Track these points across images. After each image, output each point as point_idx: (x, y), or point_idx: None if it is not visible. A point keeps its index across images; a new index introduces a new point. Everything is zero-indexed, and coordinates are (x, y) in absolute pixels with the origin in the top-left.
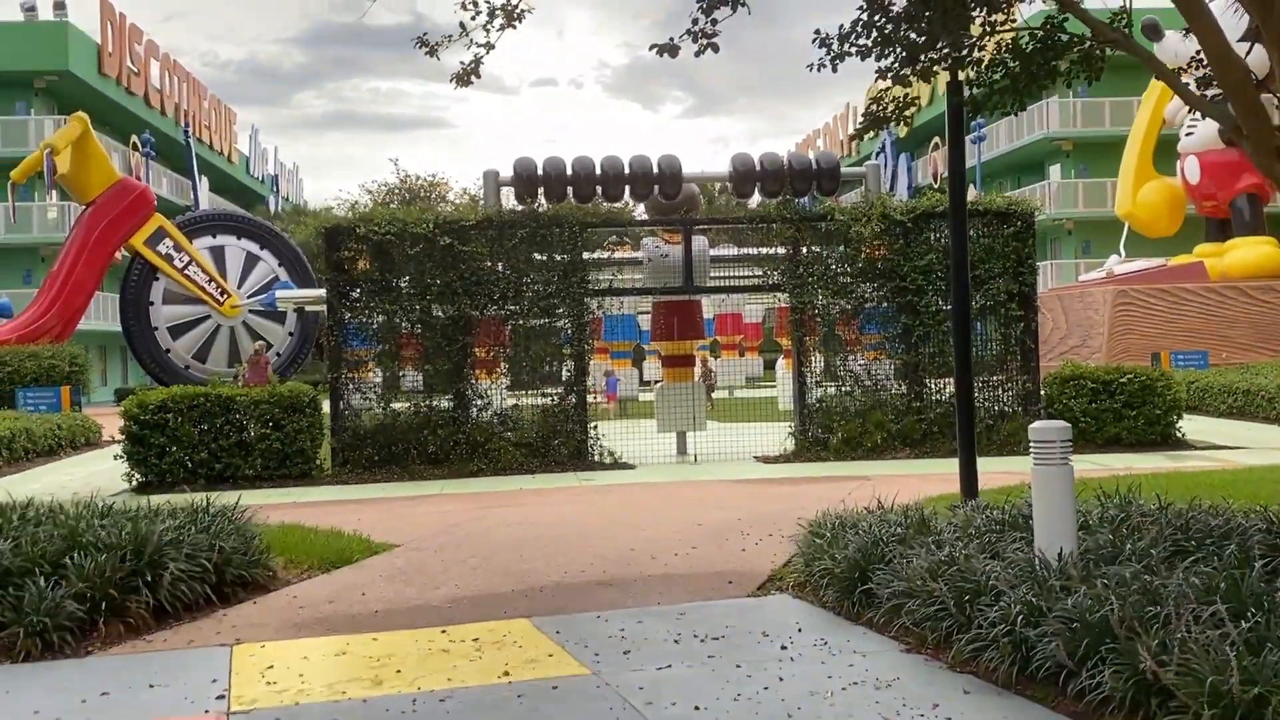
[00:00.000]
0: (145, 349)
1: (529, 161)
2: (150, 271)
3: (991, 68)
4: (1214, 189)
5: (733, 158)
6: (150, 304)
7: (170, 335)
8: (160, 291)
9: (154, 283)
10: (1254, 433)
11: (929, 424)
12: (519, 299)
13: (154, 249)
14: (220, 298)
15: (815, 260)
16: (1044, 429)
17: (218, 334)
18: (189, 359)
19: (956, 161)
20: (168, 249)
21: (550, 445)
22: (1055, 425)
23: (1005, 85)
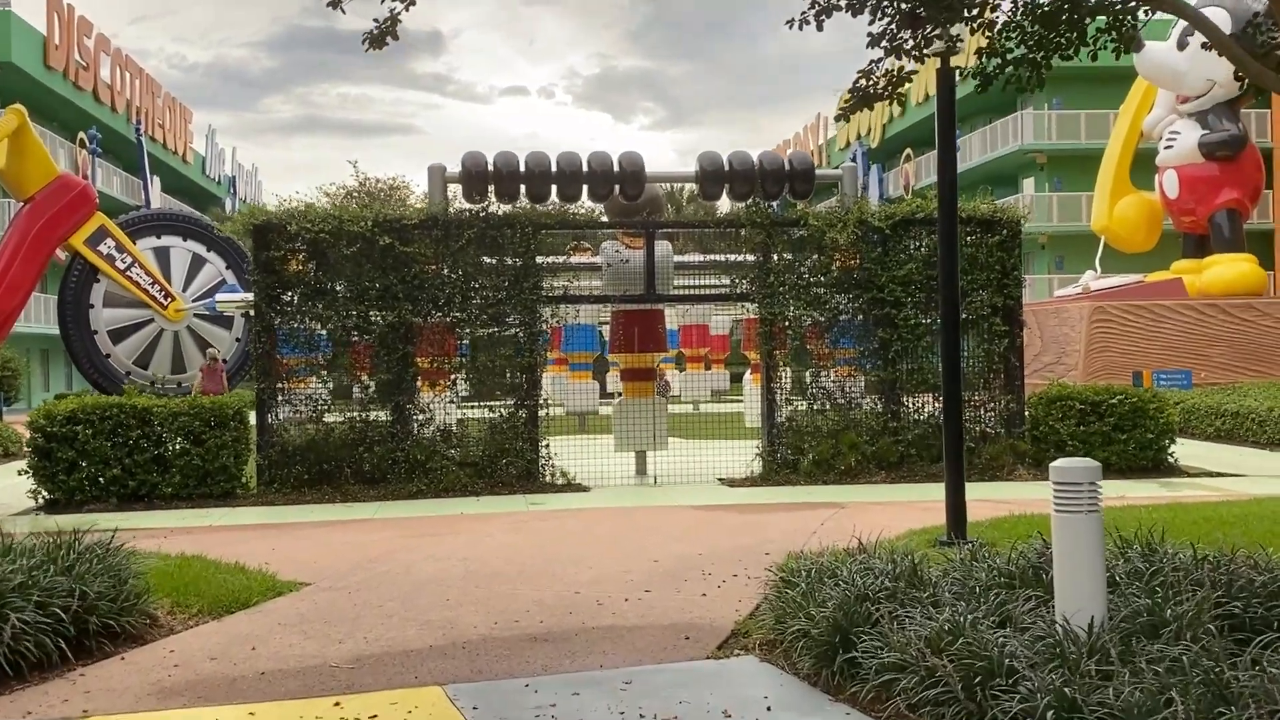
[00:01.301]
0: (84, 353)
1: (479, 157)
2: (91, 272)
3: (1006, 32)
4: (1193, 203)
5: (700, 156)
6: (90, 306)
7: (111, 340)
8: (101, 294)
9: (94, 284)
10: (1247, 458)
11: (906, 446)
12: (466, 305)
13: (95, 249)
14: (164, 301)
15: (787, 268)
16: (1069, 468)
17: (161, 339)
18: (130, 365)
19: (946, 153)
20: (109, 249)
21: (497, 465)
22: (1082, 464)
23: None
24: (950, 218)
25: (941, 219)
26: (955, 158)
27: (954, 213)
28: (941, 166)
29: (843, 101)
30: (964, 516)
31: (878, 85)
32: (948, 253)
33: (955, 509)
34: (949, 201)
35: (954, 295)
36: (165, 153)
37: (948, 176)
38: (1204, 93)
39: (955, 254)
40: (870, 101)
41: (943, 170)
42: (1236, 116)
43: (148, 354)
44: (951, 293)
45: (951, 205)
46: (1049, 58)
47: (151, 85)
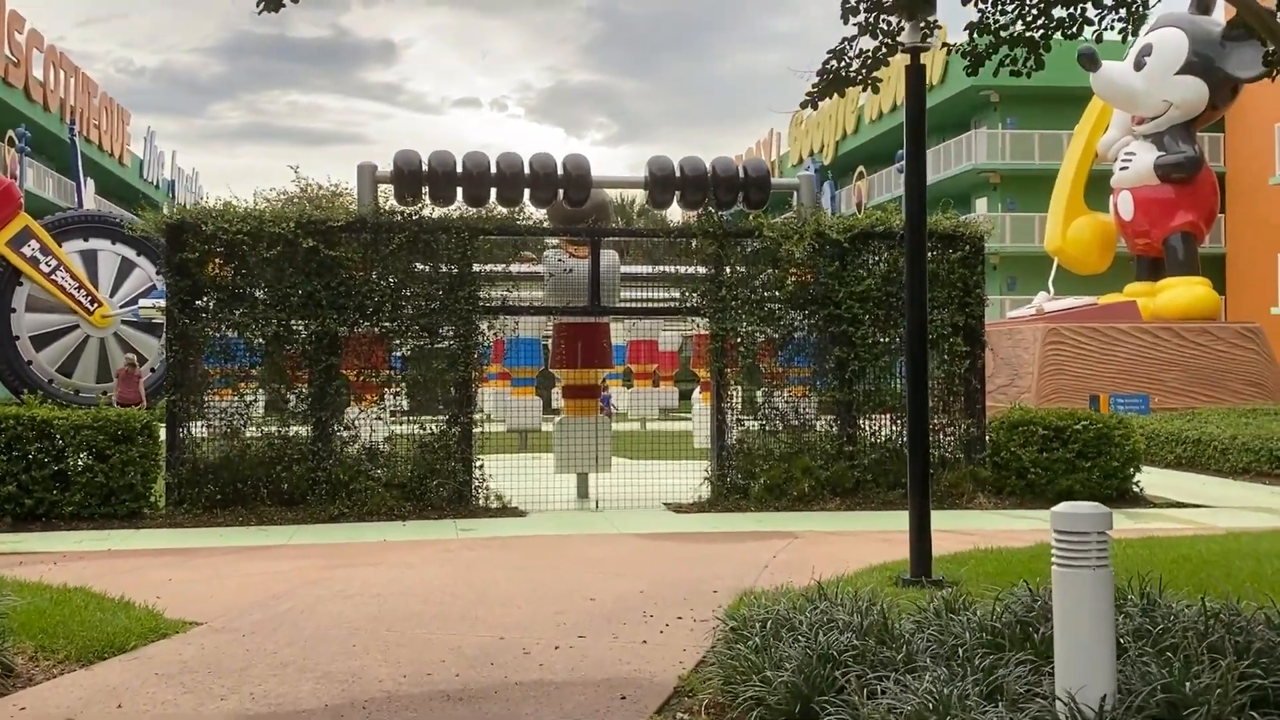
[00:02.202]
0: (4, 360)
1: (412, 156)
2: (13, 275)
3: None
4: (1148, 226)
5: (650, 161)
6: (12, 310)
7: (33, 346)
8: (24, 298)
9: (17, 288)
10: (1210, 488)
11: (862, 471)
12: (396, 315)
13: (18, 251)
14: (90, 306)
15: (740, 282)
16: (1074, 514)
17: (86, 346)
18: (53, 372)
19: (915, 160)
20: (34, 251)
21: (427, 486)
22: (1089, 510)
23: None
24: (919, 229)
25: (909, 231)
26: (924, 165)
27: (923, 223)
28: (909, 177)
29: (811, 86)
30: (929, 553)
31: (850, 67)
32: (915, 266)
33: (920, 544)
34: (917, 214)
35: (921, 313)
36: (101, 155)
37: (916, 190)
38: (1160, 114)
39: (923, 267)
40: (841, 85)
41: (910, 182)
42: (1193, 138)
43: (71, 361)
44: (919, 311)
45: (920, 215)
46: (1049, 36)
47: (88, 85)
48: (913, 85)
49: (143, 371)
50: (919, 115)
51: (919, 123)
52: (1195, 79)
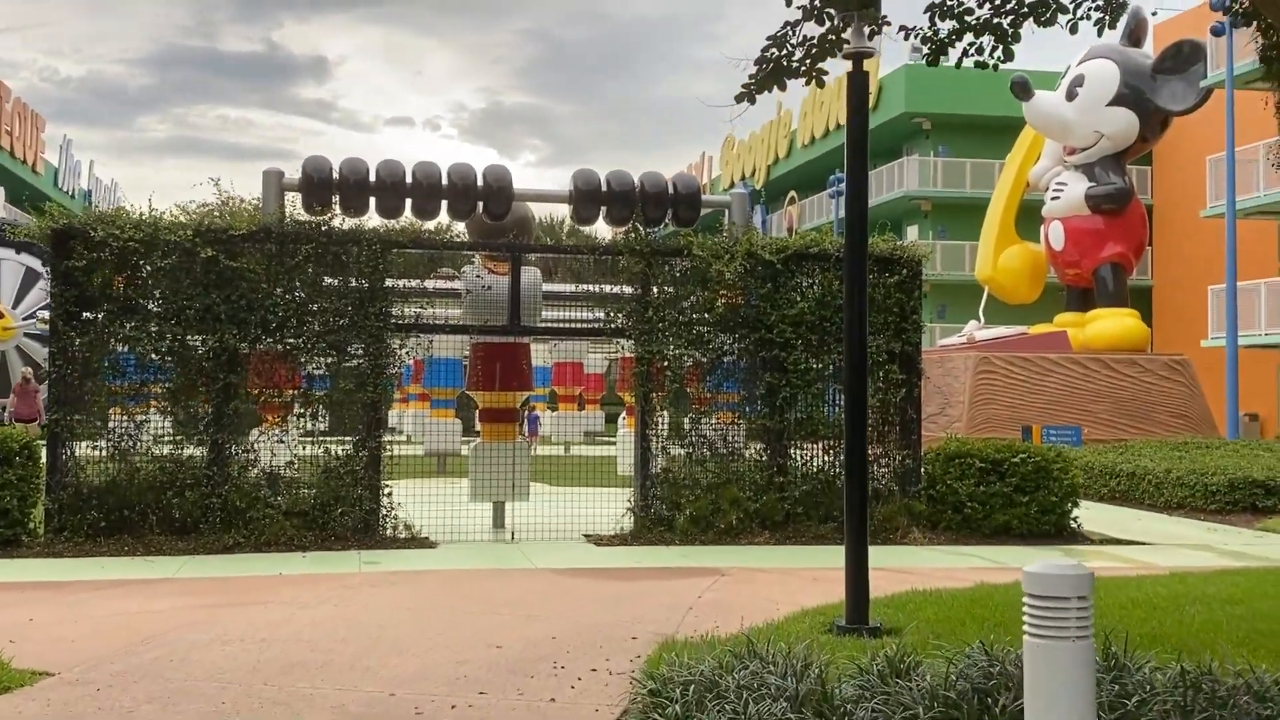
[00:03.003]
0: None
1: (323, 162)
2: None
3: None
4: (1078, 256)
5: (574, 174)
6: None
7: None
8: None
9: None
10: (1146, 523)
11: (793, 503)
12: (302, 331)
13: None
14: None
15: (668, 303)
16: (1049, 576)
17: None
18: None
19: (856, 174)
20: None
21: (331, 515)
22: (1067, 572)
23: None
24: (859, 247)
25: (848, 249)
26: (866, 179)
27: (864, 240)
28: (850, 192)
29: (750, 77)
30: (866, 598)
31: (793, 57)
32: (854, 287)
33: (857, 589)
34: (858, 229)
35: (861, 336)
36: (13, 161)
37: (857, 206)
38: (1091, 145)
39: (863, 286)
40: (782, 77)
41: (852, 196)
42: (1123, 170)
43: None
44: (858, 334)
45: (861, 231)
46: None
47: (0, 89)
48: (855, 94)
49: (39, 387)
50: (861, 127)
51: (861, 135)
52: (1126, 111)
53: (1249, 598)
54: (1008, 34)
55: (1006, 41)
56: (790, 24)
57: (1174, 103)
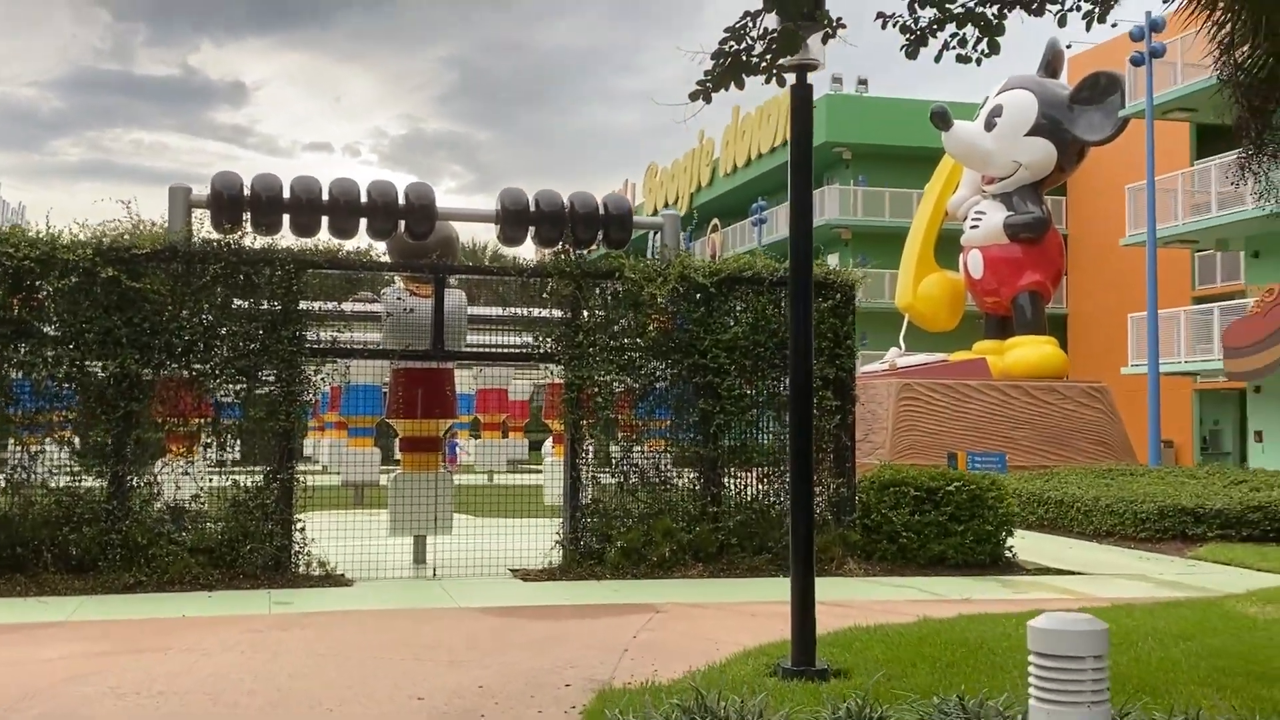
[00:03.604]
0: None
1: (232, 178)
2: None
3: None
4: (997, 284)
5: (502, 193)
6: None
7: None
8: None
9: None
10: (1078, 552)
11: (727, 534)
12: (210, 356)
13: None
14: None
15: (598, 327)
16: (1061, 634)
17: None
18: None
19: (800, 192)
20: None
21: (239, 551)
22: (1082, 628)
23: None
24: (804, 268)
25: (793, 269)
26: (810, 197)
27: (809, 261)
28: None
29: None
30: (813, 638)
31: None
32: (800, 308)
33: (803, 628)
34: (802, 251)
35: (807, 359)
36: None
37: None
38: (1010, 174)
39: (809, 308)
40: (741, 74)
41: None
42: (1040, 200)
43: None
44: (803, 358)
45: (806, 251)
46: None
47: None
48: (798, 108)
49: None
50: (805, 143)
51: (805, 152)
52: (1044, 141)
53: (1199, 633)
54: (993, 24)
55: (991, 33)
56: (750, 14)
57: (1091, 133)
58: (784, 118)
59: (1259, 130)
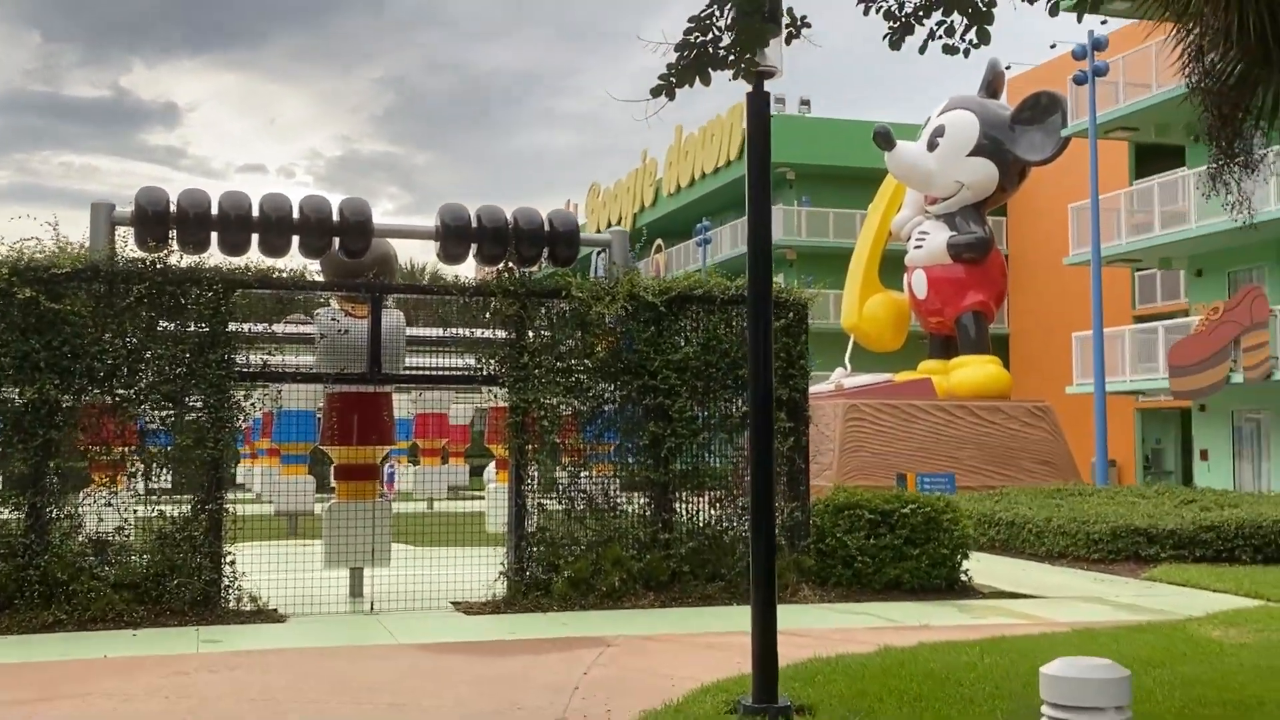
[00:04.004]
0: None
1: (157, 194)
2: None
3: None
4: (941, 304)
5: (441, 209)
6: None
7: None
8: None
9: None
10: (1032, 574)
11: (678, 562)
12: (134, 381)
13: None
14: None
15: (544, 348)
16: (1079, 681)
17: None
18: None
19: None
20: None
21: (166, 586)
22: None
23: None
24: (763, 282)
25: (751, 284)
26: (769, 209)
27: (768, 274)
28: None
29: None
30: (775, 673)
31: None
32: (758, 326)
33: (765, 662)
34: (761, 265)
35: (767, 378)
36: None
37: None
38: (952, 194)
39: (768, 323)
40: (706, 68)
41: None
42: (983, 219)
43: None
44: (764, 376)
45: (765, 265)
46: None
47: None
48: (755, 117)
49: None
50: (763, 155)
51: (763, 165)
52: (986, 161)
53: (1167, 659)
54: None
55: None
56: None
57: (1032, 153)
58: (727, 137)
59: (1229, 139)
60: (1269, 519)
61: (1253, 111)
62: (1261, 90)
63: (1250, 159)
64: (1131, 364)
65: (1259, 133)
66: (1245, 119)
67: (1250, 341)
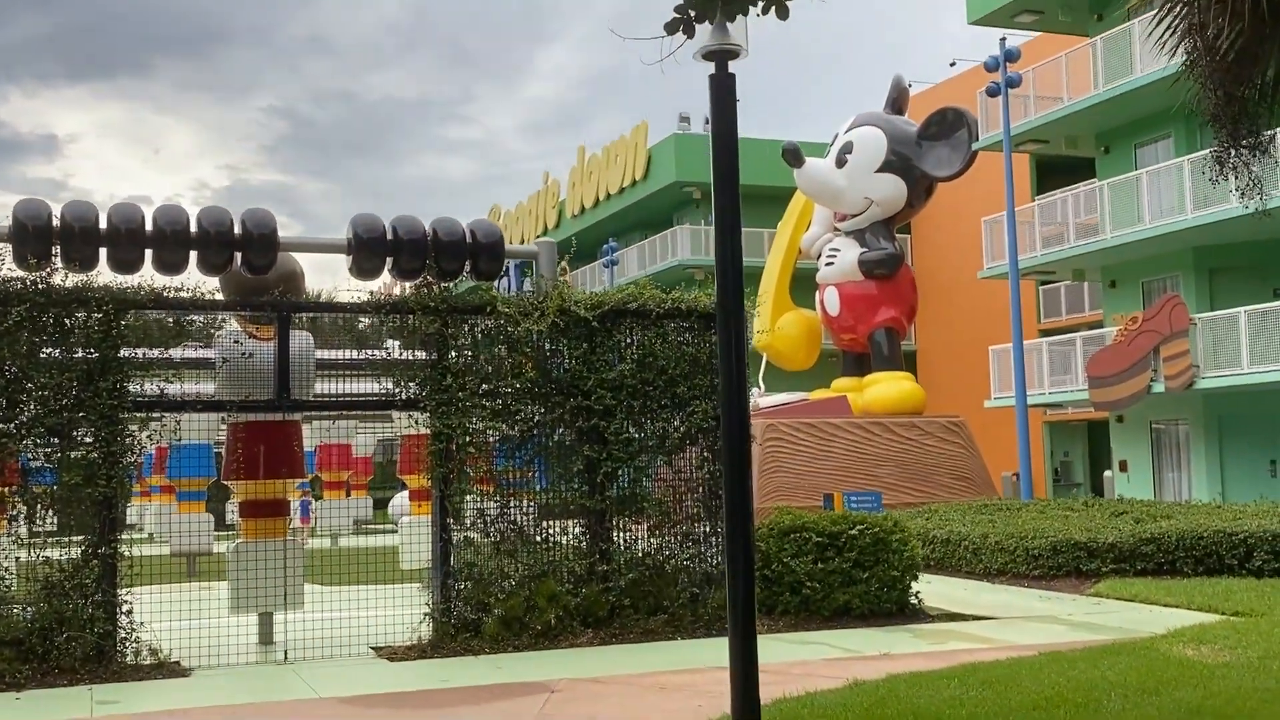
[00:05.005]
0: None
1: (38, 206)
2: None
3: None
4: (853, 321)
5: (353, 220)
6: None
7: None
8: None
9: None
10: (976, 594)
11: (618, 595)
12: (13, 414)
13: None
14: None
15: (468, 368)
16: None
17: None
18: None
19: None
20: None
21: (54, 642)
22: None
23: None
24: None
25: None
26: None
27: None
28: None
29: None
30: (758, 713)
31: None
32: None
33: (747, 708)
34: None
35: (741, 383)
36: None
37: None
38: (862, 211)
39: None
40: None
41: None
42: (892, 235)
43: None
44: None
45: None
46: None
47: None
48: (719, 101)
49: None
50: (729, 142)
51: (730, 154)
52: (894, 177)
53: (1159, 685)
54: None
55: None
56: None
57: (939, 168)
58: (632, 157)
59: (1234, 120)
60: (1209, 529)
61: (1256, 87)
62: (1269, 64)
63: (1258, 140)
64: (1049, 376)
65: (1265, 111)
66: (1249, 97)
67: (1170, 350)
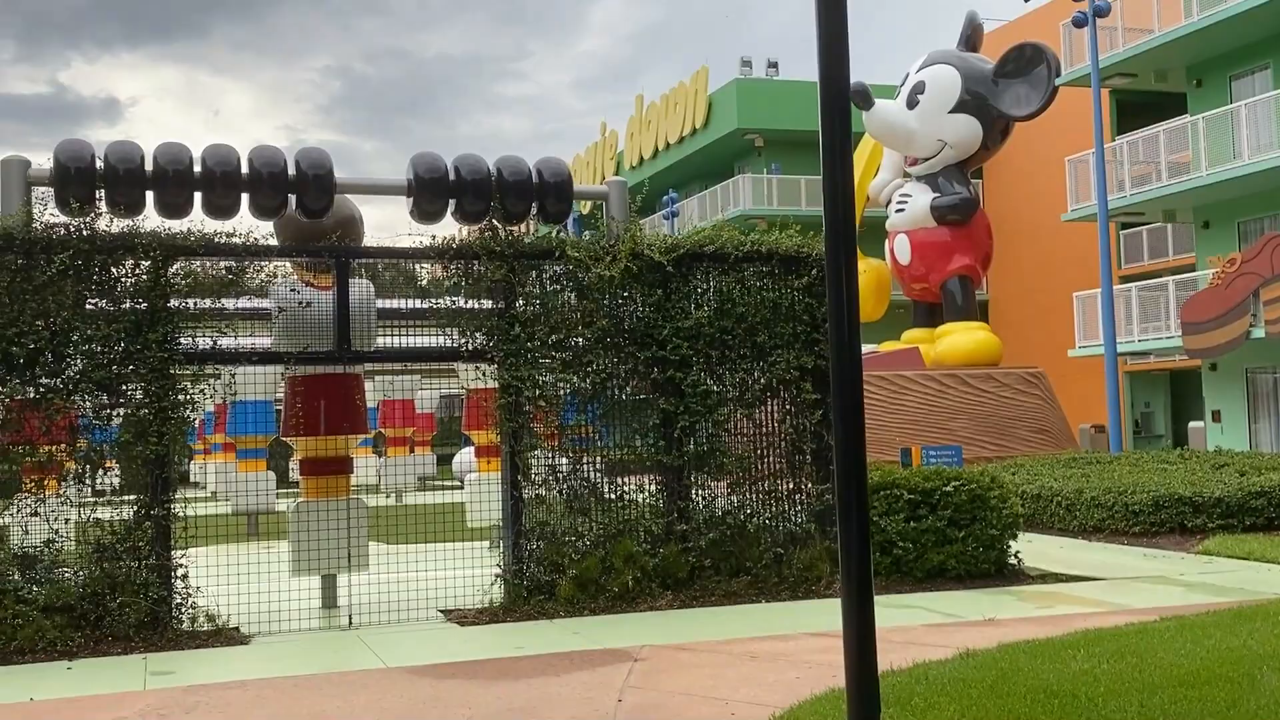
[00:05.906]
0: None
1: (80, 147)
2: None
3: None
4: (925, 270)
5: (414, 159)
6: None
7: None
8: None
9: None
10: (1074, 552)
11: (698, 555)
12: (59, 369)
13: None
14: None
15: (538, 318)
16: None
17: None
18: None
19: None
20: None
21: (106, 607)
22: None
23: None
24: (846, 221)
25: (829, 224)
26: (849, 120)
27: (851, 213)
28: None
29: None
30: (877, 705)
31: None
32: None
33: (863, 692)
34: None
35: (854, 329)
36: None
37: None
38: (935, 154)
39: (853, 260)
40: None
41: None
42: (966, 179)
43: None
44: (850, 329)
45: (848, 205)
46: None
47: None
48: None
49: None
50: (838, 35)
51: (839, 64)
52: (969, 117)
53: None
54: None
55: None
56: None
57: (1017, 107)
58: (692, 104)
59: None
60: None
61: None
62: None
63: None
64: (1138, 324)
65: None
66: None
67: (1271, 294)
